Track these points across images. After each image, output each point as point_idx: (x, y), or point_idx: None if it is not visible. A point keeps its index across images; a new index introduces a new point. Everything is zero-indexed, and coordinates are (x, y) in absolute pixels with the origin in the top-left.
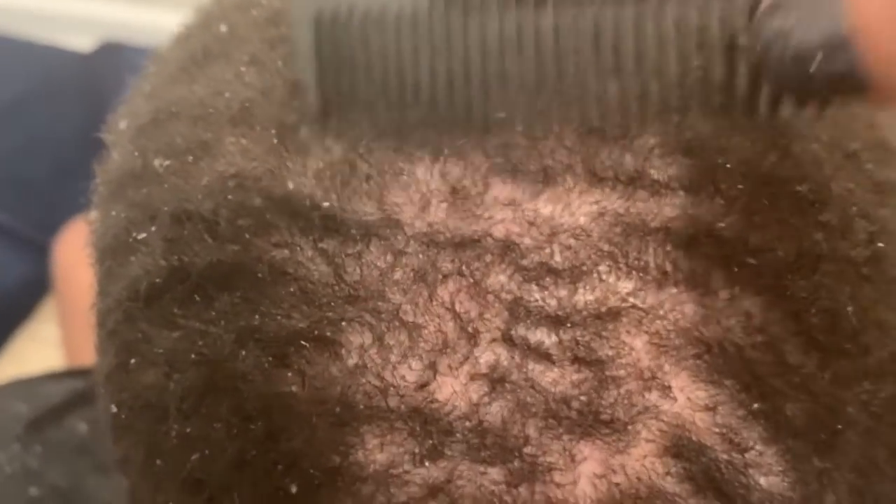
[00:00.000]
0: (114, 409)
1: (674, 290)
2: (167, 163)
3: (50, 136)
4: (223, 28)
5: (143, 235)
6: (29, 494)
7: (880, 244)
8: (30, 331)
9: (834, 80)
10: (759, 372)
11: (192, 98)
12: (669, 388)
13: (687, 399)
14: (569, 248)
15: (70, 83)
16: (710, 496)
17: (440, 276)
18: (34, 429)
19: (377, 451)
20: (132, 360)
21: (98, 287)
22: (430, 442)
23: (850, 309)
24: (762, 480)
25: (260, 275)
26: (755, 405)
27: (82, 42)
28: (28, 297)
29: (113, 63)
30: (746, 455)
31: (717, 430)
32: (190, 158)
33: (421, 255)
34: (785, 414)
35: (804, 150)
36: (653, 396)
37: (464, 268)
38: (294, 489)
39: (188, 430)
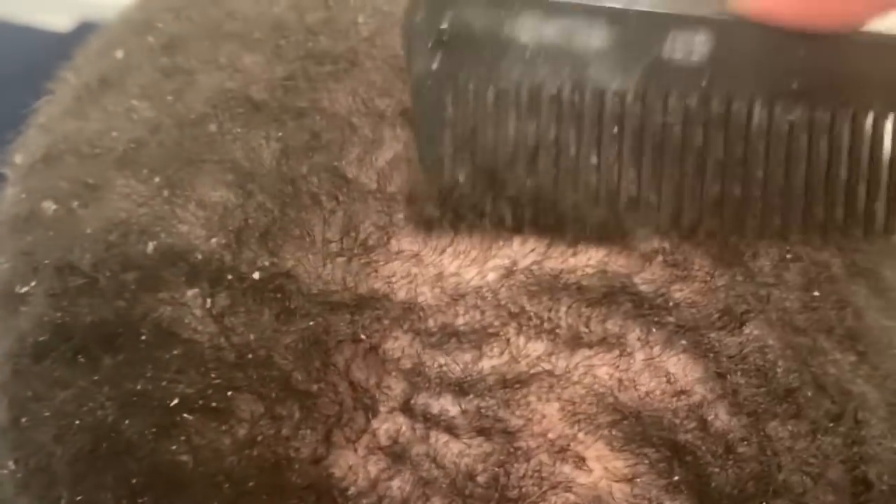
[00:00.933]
0: (11, 465)
1: (588, 353)
2: (54, 207)
3: (27, 119)
4: (119, 54)
5: (25, 289)
6: None
7: (816, 292)
8: None
9: None
10: (680, 440)
11: (81, 135)
12: (584, 459)
13: (604, 469)
14: (475, 307)
15: (48, 64)
16: None
17: (335, 341)
18: None
19: None
20: (23, 419)
21: None
22: None
23: (780, 367)
24: None
25: (144, 336)
26: (677, 475)
27: (60, 22)
28: None
29: None
30: None
31: (636, 502)
32: (75, 204)
33: (315, 317)
34: (710, 483)
35: None
36: (566, 468)
37: (360, 332)
38: None
39: (78, 497)
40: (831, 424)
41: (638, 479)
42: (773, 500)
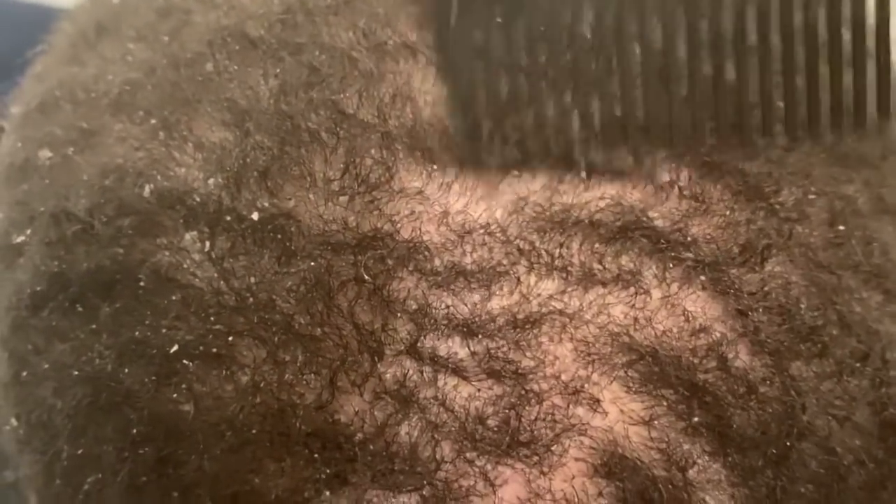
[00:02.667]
0: (14, 422)
1: (601, 291)
2: (49, 155)
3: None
4: None
5: (21, 238)
6: None
7: (841, 227)
8: None
9: None
10: (699, 380)
11: (76, 80)
12: (599, 401)
13: (619, 412)
14: (483, 245)
15: None
16: None
17: (337, 283)
18: None
19: (277, 476)
20: (24, 373)
21: None
22: (334, 468)
23: (803, 304)
24: (708, 499)
25: (142, 282)
26: (696, 417)
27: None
28: None
29: None
30: (688, 472)
31: (654, 445)
32: (70, 150)
33: (317, 258)
34: (731, 425)
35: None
36: (580, 411)
37: (363, 272)
38: None
39: (79, 451)
40: (858, 365)
41: (655, 422)
42: (797, 442)
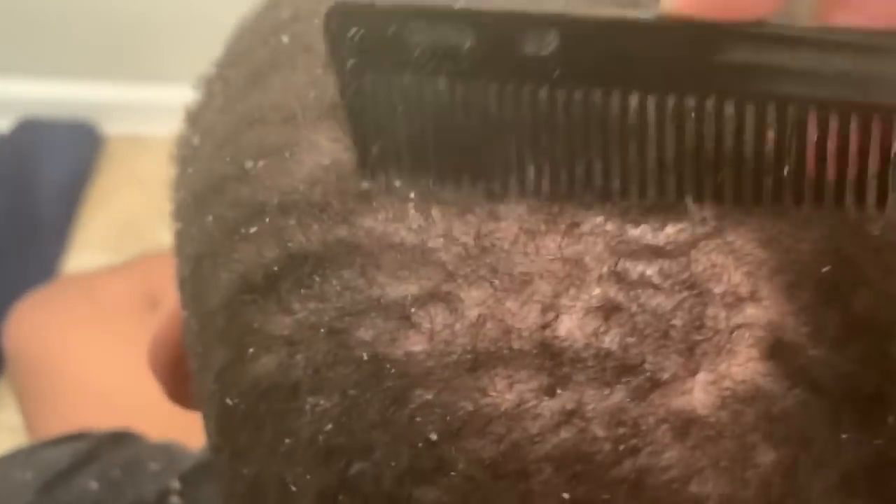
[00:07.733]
0: (229, 402)
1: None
2: (261, 163)
3: None
4: (285, 39)
5: (254, 229)
6: None
7: None
8: None
9: None
10: (826, 280)
11: (273, 102)
12: (761, 299)
13: (777, 307)
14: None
15: None
16: (805, 389)
17: (541, 228)
18: (45, 493)
19: (506, 391)
20: (249, 350)
21: (190, 297)
22: (556, 374)
23: None
24: None
25: (375, 249)
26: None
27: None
28: None
29: (32, 140)
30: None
31: (805, 327)
32: (287, 154)
33: (523, 214)
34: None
35: None
36: (747, 307)
37: (560, 218)
38: (434, 437)
39: (321, 401)
40: None
41: (803, 312)
42: None
